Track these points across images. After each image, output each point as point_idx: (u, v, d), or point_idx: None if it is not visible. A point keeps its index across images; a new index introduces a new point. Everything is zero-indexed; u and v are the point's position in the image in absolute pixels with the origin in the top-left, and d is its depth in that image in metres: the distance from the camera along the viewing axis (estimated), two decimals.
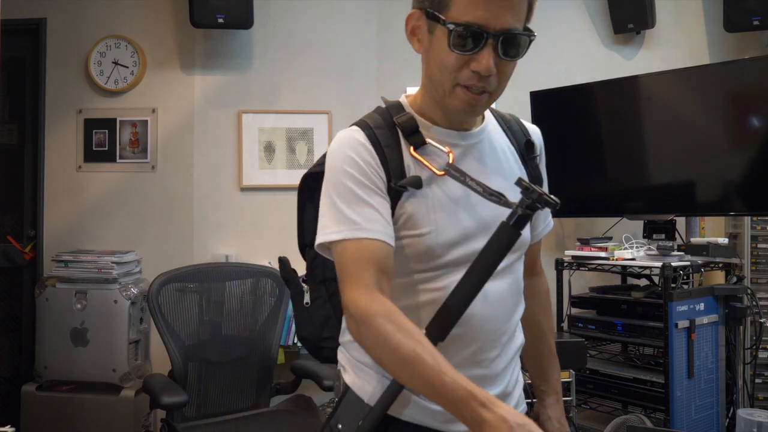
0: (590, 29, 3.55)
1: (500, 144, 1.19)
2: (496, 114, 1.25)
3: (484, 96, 1.06)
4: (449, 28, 1.01)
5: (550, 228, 1.33)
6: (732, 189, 2.86)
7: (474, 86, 1.04)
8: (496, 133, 1.20)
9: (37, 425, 3.02)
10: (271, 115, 3.49)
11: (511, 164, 1.19)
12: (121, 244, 3.40)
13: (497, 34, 1.01)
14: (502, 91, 1.10)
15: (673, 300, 2.63)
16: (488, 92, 1.06)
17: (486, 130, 1.18)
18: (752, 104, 2.78)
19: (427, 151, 1.10)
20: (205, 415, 2.65)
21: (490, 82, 1.04)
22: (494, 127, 1.21)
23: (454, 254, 1.09)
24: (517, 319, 1.21)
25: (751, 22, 3.16)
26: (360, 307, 1.00)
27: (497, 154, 1.17)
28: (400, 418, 1.13)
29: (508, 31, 1.01)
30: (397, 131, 1.12)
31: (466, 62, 1.03)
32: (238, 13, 3.25)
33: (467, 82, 1.04)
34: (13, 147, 3.56)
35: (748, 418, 2.56)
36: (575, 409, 2.63)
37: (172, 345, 2.56)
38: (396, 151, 1.10)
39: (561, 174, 3.30)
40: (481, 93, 1.05)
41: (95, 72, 3.47)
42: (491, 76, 1.03)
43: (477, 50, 1.01)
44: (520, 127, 1.25)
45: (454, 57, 1.03)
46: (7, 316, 3.48)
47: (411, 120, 1.12)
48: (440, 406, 0.94)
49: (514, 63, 1.06)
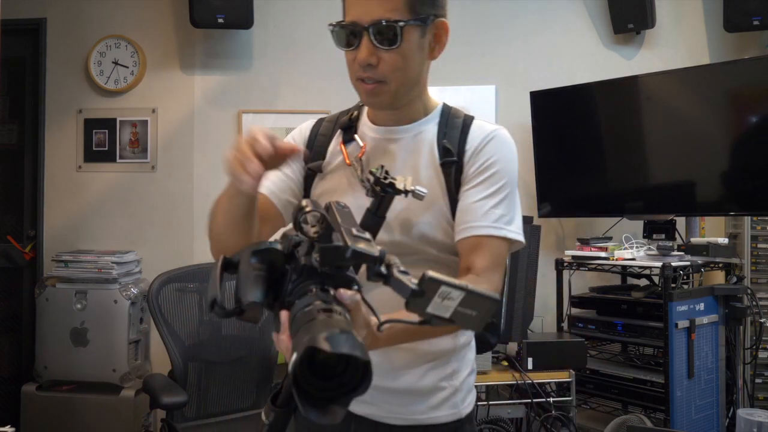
0: (590, 29, 3.55)
1: (426, 144, 1.22)
2: (449, 116, 1.24)
3: (378, 86, 1.14)
4: (329, 29, 1.15)
5: (475, 233, 1.15)
6: (732, 189, 2.86)
7: (365, 78, 1.14)
8: (428, 132, 1.22)
9: (37, 425, 3.02)
10: (271, 115, 3.49)
11: (425, 165, 1.19)
12: (121, 244, 3.40)
13: (369, 26, 1.10)
14: (404, 81, 1.15)
15: (673, 300, 2.63)
16: (381, 82, 1.14)
17: (415, 129, 1.23)
18: (752, 104, 2.78)
19: (353, 144, 1.24)
20: (205, 415, 2.65)
21: (376, 72, 1.13)
22: (429, 127, 1.23)
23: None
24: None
25: (751, 22, 3.16)
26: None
27: (417, 152, 1.21)
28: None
29: (377, 22, 1.10)
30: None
31: (354, 57, 1.14)
32: (238, 13, 3.25)
33: (359, 75, 1.15)
34: (13, 147, 3.56)
35: (748, 418, 2.56)
36: (575, 409, 2.63)
37: (172, 345, 2.56)
38: (327, 140, 1.28)
39: (561, 174, 3.31)
40: (375, 83, 1.14)
41: (95, 72, 3.47)
42: (374, 66, 1.12)
43: (358, 44, 1.12)
44: (462, 130, 1.21)
45: (347, 55, 1.16)
46: (7, 316, 3.48)
47: (350, 118, 1.27)
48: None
49: (399, 52, 1.12)
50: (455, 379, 1.24)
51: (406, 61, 1.14)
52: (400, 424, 1.22)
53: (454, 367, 1.25)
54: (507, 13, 3.57)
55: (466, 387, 1.27)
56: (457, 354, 1.25)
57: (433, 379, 1.23)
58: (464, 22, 3.57)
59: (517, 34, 3.57)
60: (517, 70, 3.55)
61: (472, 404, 1.29)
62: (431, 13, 1.15)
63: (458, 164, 1.18)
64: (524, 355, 2.56)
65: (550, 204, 3.33)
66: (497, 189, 1.17)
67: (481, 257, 1.13)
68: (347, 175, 1.22)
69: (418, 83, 1.20)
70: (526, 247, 2.58)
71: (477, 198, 1.16)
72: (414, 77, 1.17)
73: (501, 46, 3.56)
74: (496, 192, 1.17)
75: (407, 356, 1.20)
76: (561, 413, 2.52)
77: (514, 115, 3.49)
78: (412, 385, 1.21)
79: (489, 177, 1.17)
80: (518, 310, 2.58)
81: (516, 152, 1.23)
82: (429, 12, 1.14)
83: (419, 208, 1.16)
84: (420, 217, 1.17)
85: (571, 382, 2.61)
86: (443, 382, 1.23)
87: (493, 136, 1.20)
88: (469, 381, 1.28)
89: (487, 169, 1.18)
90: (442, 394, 1.23)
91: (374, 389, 1.17)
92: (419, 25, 1.13)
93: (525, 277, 2.60)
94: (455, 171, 1.18)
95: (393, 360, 1.20)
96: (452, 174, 1.18)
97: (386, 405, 1.21)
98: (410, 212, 1.17)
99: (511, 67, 3.55)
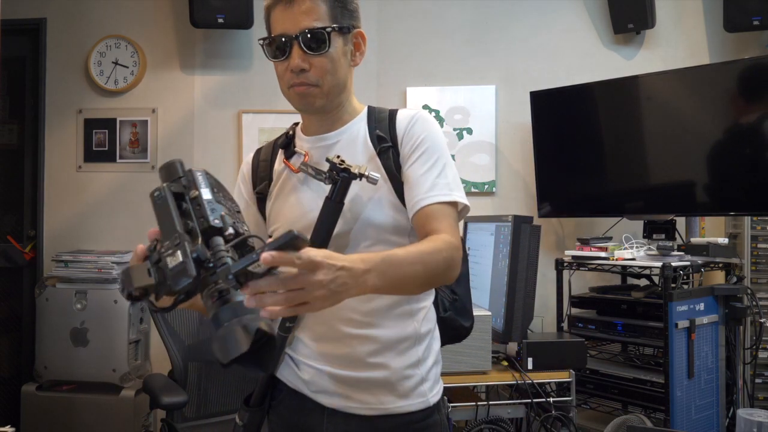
0: (590, 29, 3.55)
1: (360, 139, 1.31)
2: (375, 112, 1.35)
3: (310, 88, 1.23)
4: (259, 43, 1.27)
5: (426, 202, 1.22)
6: (732, 189, 2.86)
7: (297, 83, 1.23)
8: (360, 129, 1.32)
9: (37, 425, 3.02)
10: (271, 115, 3.49)
11: (362, 158, 1.28)
12: (121, 244, 3.40)
13: (298, 35, 1.21)
14: (335, 83, 1.25)
15: (673, 300, 2.63)
16: (314, 85, 1.23)
17: (346, 131, 1.32)
18: (752, 104, 2.78)
19: (295, 157, 1.33)
20: (205, 415, 2.65)
21: (308, 77, 1.22)
22: (360, 125, 1.32)
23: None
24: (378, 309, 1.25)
25: (751, 22, 3.16)
26: None
27: (353, 149, 1.29)
28: (280, 378, 1.32)
29: (305, 31, 1.21)
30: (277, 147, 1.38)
31: (285, 67, 1.24)
32: (238, 13, 3.25)
33: (291, 82, 1.24)
34: (13, 147, 3.57)
35: (748, 418, 2.56)
36: (575, 409, 2.63)
37: (172, 345, 2.56)
38: (269, 162, 1.38)
39: (561, 174, 3.31)
40: (308, 86, 1.23)
41: (95, 72, 3.47)
42: (306, 71, 1.22)
43: (288, 54, 1.23)
44: (390, 120, 1.32)
45: (278, 66, 1.26)
46: (7, 316, 3.48)
47: (286, 138, 1.36)
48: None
49: (328, 56, 1.22)
50: (421, 367, 1.29)
51: (334, 65, 1.24)
52: (371, 414, 1.26)
53: (420, 355, 1.29)
54: (507, 13, 3.57)
55: (433, 377, 1.32)
56: (420, 341, 1.30)
57: (399, 366, 1.27)
58: (464, 22, 3.57)
59: (517, 34, 3.57)
60: (517, 70, 3.55)
61: (440, 394, 1.33)
62: (350, 23, 1.26)
63: (394, 149, 1.28)
64: (524, 355, 2.56)
65: (550, 204, 3.33)
66: (434, 161, 1.26)
67: (437, 222, 1.21)
68: (299, 180, 1.31)
69: (346, 88, 1.30)
70: (527, 247, 2.59)
71: (420, 173, 1.24)
72: (342, 81, 1.27)
73: (501, 46, 3.57)
74: (434, 164, 1.25)
75: (372, 346, 1.25)
76: (561, 413, 2.52)
77: (514, 115, 3.49)
78: (379, 374, 1.25)
79: (424, 152, 1.26)
80: (518, 310, 2.58)
81: (440, 129, 1.32)
82: (348, 22, 1.26)
83: (366, 196, 1.25)
84: (367, 205, 1.25)
85: (571, 382, 2.61)
86: (409, 370, 1.27)
87: (417, 117, 1.30)
88: (435, 371, 1.33)
89: (420, 145, 1.26)
90: (409, 383, 1.28)
91: (343, 381, 1.26)
92: (342, 34, 1.24)
93: (525, 277, 2.60)
94: (393, 154, 1.28)
95: (358, 350, 1.25)
96: (390, 158, 1.27)
97: (356, 396, 1.26)
98: (358, 202, 1.25)
99: (511, 67, 3.55)
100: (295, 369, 1.30)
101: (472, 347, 2.47)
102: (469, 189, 3.48)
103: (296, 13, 1.22)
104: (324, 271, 0.88)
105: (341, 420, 1.26)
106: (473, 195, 3.48)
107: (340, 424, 1.26)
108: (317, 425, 1.28)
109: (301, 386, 1.29)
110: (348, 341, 1.25)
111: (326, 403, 1.27)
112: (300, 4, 1.22)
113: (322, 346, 1.27)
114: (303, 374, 1.28)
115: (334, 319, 1.25)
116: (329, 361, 1.26)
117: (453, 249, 1.17)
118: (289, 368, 1.32)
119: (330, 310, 1.18)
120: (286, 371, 1.32)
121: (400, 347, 1.27)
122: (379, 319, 1.26)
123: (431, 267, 1.13)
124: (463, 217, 1.31)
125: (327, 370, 1.26)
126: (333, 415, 1.27)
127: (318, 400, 1.27)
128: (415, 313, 1.29)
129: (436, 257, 1.14)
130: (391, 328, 1.26)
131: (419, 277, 1.12)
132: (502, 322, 2.58)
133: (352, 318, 1.25)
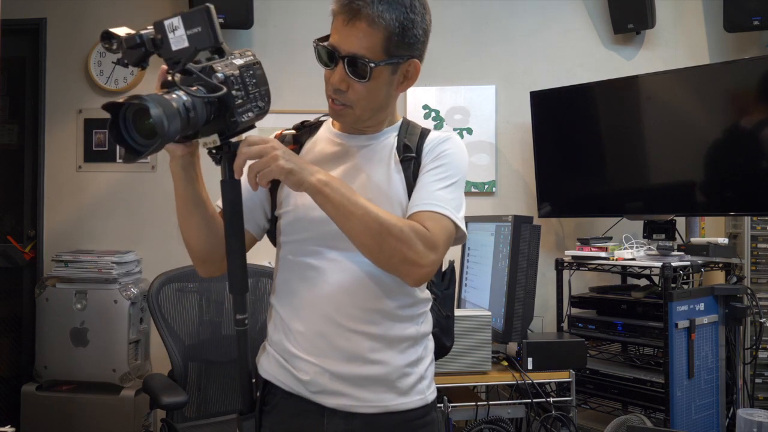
0: (590, 29, 3.55)
1: (388, 146, 1.33)
2: (409, 126, 1.37)
3: (344, 108, 1.25)
4: (313, 45, 1.26)
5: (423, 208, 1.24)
6: (732, 189, 2.86)
7: (334, 98, 1.25)
8: (389, 138, 1.34)
9: (37, 425, 3.02)
10: (271, 115, 3.45)
11: (386, 163, 1.31)
12: (121, 244, 3.40)
13: (345, 56, 1.20)
14: (368, 109, 1.26)
15: (673, 300, 2.63)
16: (347, 105, 1.24)
17: (377, 138, 1.34)
18: (752, 104, 2.78)
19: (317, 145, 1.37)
20: (205, 415, 2.64)
21: (345, 97, 1.23)
22: (391, 134, 1.35)
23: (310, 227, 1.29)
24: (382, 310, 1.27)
25: (751, 22, 3.16)
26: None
27: (380, 153, 1.32)
28: (274, 383, 1.31)
29: (353, 56, 1.19)
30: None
31: (329, 76, 1.24)
32: (238, 13, 3.25)
33: (329, 95, 1.26)
34: (13, 147, 3.57)
35: (748, 418, 2.56)
36: (575, 409, 2.63)
37: (172, 345, 2.56)
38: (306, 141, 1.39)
39: (561, 174, 3.31)
40: (342, 105, 1.25)
41: (95, 72, 3.47)
42: (344, 91, 1.22)
43: (333, 66, 1.22)
44: (421, 137, 1.35)
45: (325, 71, 1.26)
46: (7, 316, 3.49)
47: (313, 124, 1.41)
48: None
49: (368, 86, 1.22)
50: (420, 365, 1.32)
51: (371, 95, 1.24)
52: (371, 412, 1.27)
53: (419, 354, 1.32)
54: (507, 13, 3.57)
55: (429, 375, 1.35)
56: (420, 341, 1.33)
57: (399, 363, 1.28)
58: (464, 22, 3.57)
59: (517, 34, 3.57)
60: (517, 70, 3.55)
61: (435, 393, 1.36)
62: (406, 55, 1.24)
63: (416, 159, 1.31)
64: (524, 355, 2.56)
65: (550, 204, 3.33)
66: (447, 176, 1.28)
67: (429, 222, 1.21)
68: (327, 150, 1.34)
69: (384, 110, 1.31)
70: (527, 247, 2.59)
71: (429, 181, 1.27)
72: (378, 107, 1.28)
73: (501, 46, 3.57)
74: (446, 178, 1.27)
75: (373, 342, 1.26)
76: (561, 413, 2.52)
77: (514, 115, 3.49)
78: (380, 370, 1.26)
79: (441, 165, 1.28)
80: (518, 310, 2.58)
81: (467, 157, 1.35)
82: (404, 53, 1.23)
83: (383, 195, 1.26)
84: (382, 201, 1.24)
85: (571, 382, 2.61)
86: (409, 368, 1.30)
87: (448, 137, 1.34)
88: (431, 369, 1.36)
89: (440, 158, 1.29)
90: (409, 381, 1.30)
91: (344, 379, 1.26)
92: (391, 65, 1.23)
93: (525, 277, 2.60)
94: (414, 165, 1.30)
95: (359, 345, 1.26)
96: (411, 167, 1.30)
97: (357, 394, 1.26)
98: (375, 197, 1.25)
99: (511, 67, 3.55)
100: (291, 370, 1.29)
101: (472, 347, 2.47)
102: (469, 189, 3.48)
103: (351, 32, 1.19)
104: (277, 143, 1.16)
105: (342, 420, 1.26)
106: (473, 195, 3.48)
107: (341, 423, 1.26)
108: (317, 427, 1.27)
109: (299, 388, 1.28)
110: (349, 336, 1.25)
111: (326, 403, 1.26)
112: (358, 25, 1.18)
113: (323, 340, 1.26)
114: (301, 375, 1.27)
115: (337, 314, 1.26)
116: (329, 356, 1.26)
117: (419, 238, 1.18)
118: (284, 370, 1.30)
119: (333, 305, 1.25)
120: (280, 374, 1.31)
121: (401, 346, 1.29)
122: (382, 318, 1.27)
123: (383, 227, 1.15)
124: (459, 243, 1.32)
125: (327, 367, 1.25)
126: (333, 415, 1.26)
127: (318, 401, 1.26)
128: (416, 318, 1.32)
129: (392, 226, 1.16)
130: (392, 328, 1.28)
131: (365, 223, 1.14)
132: (502, 322, 2.58)
133: (354, 314, 1.25)
